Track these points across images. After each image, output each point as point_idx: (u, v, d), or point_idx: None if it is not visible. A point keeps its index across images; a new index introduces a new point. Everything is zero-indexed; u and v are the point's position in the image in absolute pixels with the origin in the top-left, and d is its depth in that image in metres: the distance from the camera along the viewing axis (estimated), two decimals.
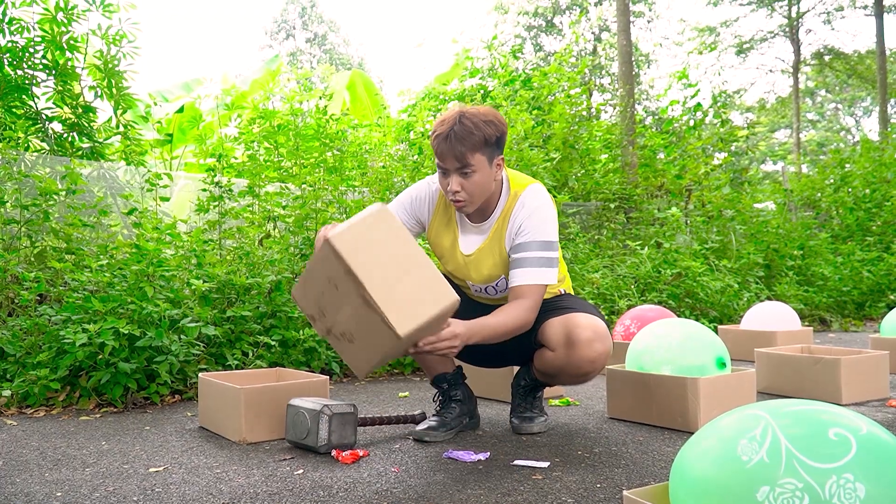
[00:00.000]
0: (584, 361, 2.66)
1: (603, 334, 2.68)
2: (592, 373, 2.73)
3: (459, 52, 11.38)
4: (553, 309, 2.78)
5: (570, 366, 2.69)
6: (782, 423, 1.29)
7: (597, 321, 2.71)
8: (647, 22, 32.62)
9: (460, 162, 2.58)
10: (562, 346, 2.68)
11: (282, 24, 44.49)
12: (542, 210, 2.70)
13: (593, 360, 2.66)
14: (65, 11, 5.66)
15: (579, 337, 2.64)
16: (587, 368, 2.69)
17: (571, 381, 2.80)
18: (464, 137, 2.56)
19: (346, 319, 2.24)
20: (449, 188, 2.64)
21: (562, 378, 2.80)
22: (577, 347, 2.65)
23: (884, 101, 23.46)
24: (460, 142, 2.56)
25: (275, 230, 5.57)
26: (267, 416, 2.82)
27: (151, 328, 3.56)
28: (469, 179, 2.61)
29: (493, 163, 2.65)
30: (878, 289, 8.65)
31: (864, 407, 3.44)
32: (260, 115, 6.98)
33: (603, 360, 2.69)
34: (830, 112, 41.93)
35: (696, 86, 10.14)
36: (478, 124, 2.59)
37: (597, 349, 2.65)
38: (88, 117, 5.94)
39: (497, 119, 2.65)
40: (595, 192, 8.92)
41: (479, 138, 2.58)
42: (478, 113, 2.63)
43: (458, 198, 2.64)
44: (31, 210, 4.44)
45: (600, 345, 2.66)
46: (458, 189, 2.62)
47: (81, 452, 2.67)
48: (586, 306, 2.83)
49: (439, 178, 2.69)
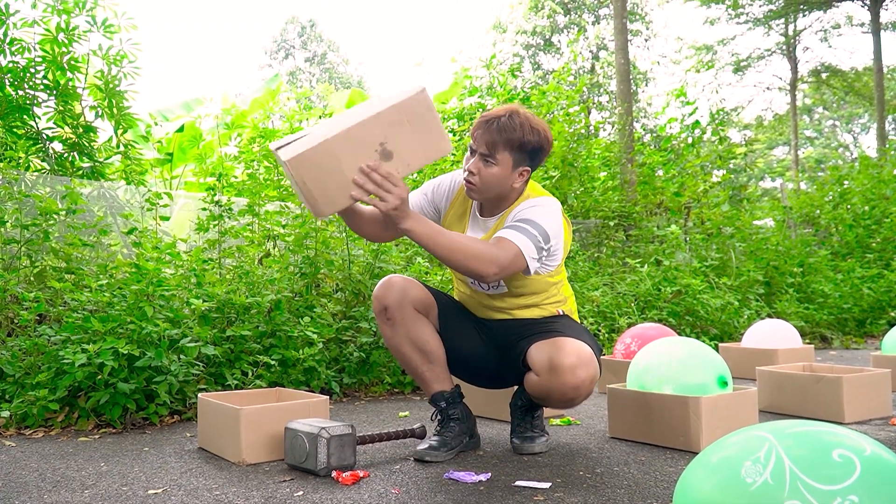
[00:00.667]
0: (567, 388, 2.64)
1: (587, 360, 2.64)
2: (577, 398, 2.70)
3: (458, 71, 11.41)
4: (542, 332, 2.78)
5: (555, 391, 2.67)
6: (786, 444, 1.28)
7: (581, 346, 2.67)
8: (645, 40, 32.80)
9: (488, 149, 2.63)
10: (545, 371, 2.66)
11: (281, 44, 44.68)
12: (542, 207, 2.69)
13: (577, 387, 2.63)
14: (66, 32, 5.69)
15: (563, 363, 2.61)
16: (571, 395, 2.66)
17: (558, 405, 2.78)
18: (504, 130, 2.61)
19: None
20: (466, 166, 2.69)
21: (549, 402, 2.79)
22: (561, 373, 2.62)
23: (881, 118, 23.56)
24: (499, 132, 2.61)
25: (275, 249, 5.56)
26: (266, 437, 2.80)
27: (151, 348, 3.55)
28: (487, 169, 2.65)
29: (518, 169, 2.68)
30: (878, 306, 8.64)
31: (867, 425, 3.43)
32: (260, 134, 6.99)
33: (587, 386, 2.65)
34: (828, 129, 42.06)
35: (693, 103, 10.17)
36: (524, 125, 2.63)
37: (580, 376, 2.62)
38: (89, 137, 5.96)
39: (545, 132, 2.70)
40: (594, 210, 8.93)
41: (517, 138, 2.62)
42: (532, 118, 2.68)
43: (471, 179, 2.68)
44: (32, 230, 4.44)
45: (583, 371, 2.62)
46: (474, 171, 2.67)
47: (80, 474, 2.66)
48: (576, 330, 2.82)
49: (466, 155, 2.73)
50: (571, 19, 31.84)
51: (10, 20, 5.51)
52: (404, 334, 2.84)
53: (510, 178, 2.68)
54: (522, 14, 31.33)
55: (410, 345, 2.86)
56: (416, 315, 2.85)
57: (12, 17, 5.51)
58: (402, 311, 2.82)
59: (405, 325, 2.83)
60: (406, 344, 2.86)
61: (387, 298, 2.82)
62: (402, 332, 2.84)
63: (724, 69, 31.91)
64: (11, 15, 5.51)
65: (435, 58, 47.77)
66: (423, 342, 2.86)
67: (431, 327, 2.89)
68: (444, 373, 2.94)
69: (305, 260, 4.84)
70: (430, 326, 2.89)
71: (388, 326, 2.85)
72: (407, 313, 2.83)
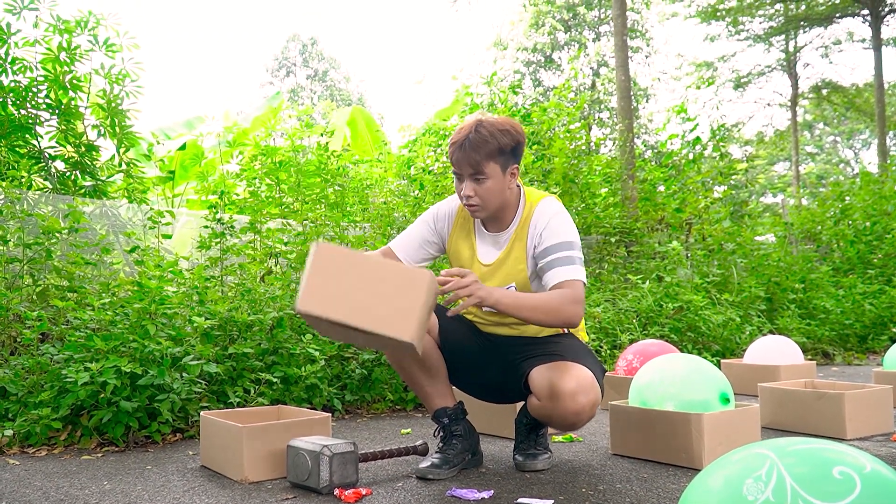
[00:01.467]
0: (568, 413, 2.64)
1: (587, 386, 2.63)
2: (579, 423, 2.70)
3: (459, 88, 11.45)
4: (545, 354, 2.78)
5: (556, 416, 2.68)
6: (787, 461, 1.29)
7: (582, 371, 2.66)
8: (645, 57, 32.90)
9: (474, 169, 2.65)
10: (546, 396, 2.67)
11: (283, 62, 44.85)
12: (558, 215, 2.75)
13: (577, 412, 2.63)
14: (68, 51, 5.72)
15: (563, 389, 2.61)
16: (572, 420, 2.66)
17: (560, 428, 2.80)
18: (478, 146, 2.63)
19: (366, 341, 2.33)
20: (462, 193, 2.71)
21: (552, 424, 2.80)
22: (561, 399, 2.62)
23: (882, 134, 23.60)
24: (475, 150, 2.63)
25: (276, 266, 5.57)
26: (269, 455, 2.80)
27: (153, 366, 3.56)
28: (482, 186, 2.68)
29: (508, 171, 2.72)
30: (880, 322, 8.63)
31: (869, 442, 3.43)
32: (262, 152, 7.02)
33: (588, 411, 2.65)
34: (829, 145, 42.14)
35: (694, 119, 10.19)
36: (493, 133, 2.65)
37: (580, 402, 2.61)
38: (91, 156, 5.98)
39: (514, 128, 2.71)
40: (596, 226, 8.94)
41: (494, 147, 2.65)
42: (495, 122, 2.70)
43: (471, 202, 2.71)
44: (34, 248, 4.45)
45: (584, 397, 2.62)
46: (471, 194, 2.70)
47: (84, 493, 2.66)
48: (579, 352, 2.81)
49: (455, 183, 2.75)
50: (572, 36, 31.96)
51: (12, 39, 5.55)
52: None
53: (505, 184, 2.72)
54: (523, 31, 31.46)
55: (412, 361, 2.86)
56: None
57: (14, 36, 5.55)
58: None
59: None
60: (407, 360, 2.86)
61: None
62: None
63: (724, 85, 32.00)
64: (13, 34, 5.54)
65: (436, 75, 48.02)
66: (425, 358, 2.86)
67: (433, 343, 2.89)
68: (446, 389, 2.94)
69: None
70: (432, 342, 2.89)
71: None
72: None
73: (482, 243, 2.88)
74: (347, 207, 6.82)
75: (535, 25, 31.30)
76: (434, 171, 8.15)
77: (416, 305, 2.17)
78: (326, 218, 5.53)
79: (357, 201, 7.17)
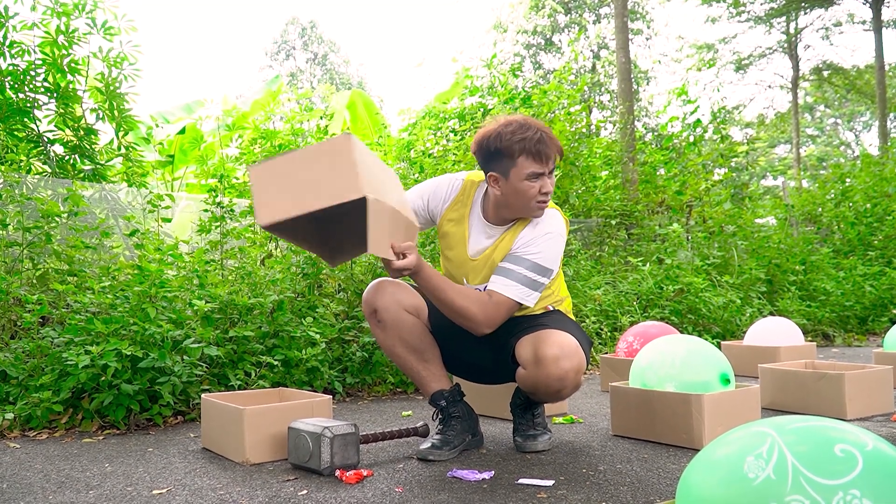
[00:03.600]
0: (551, 379, 2.63)
1: (570, 351, 2.64)
2: (564, 390, 2.69)
3: (459, 71, 11.40)
4: (530, 326, 2.78)
5: (540, 383, 2.67)
6: (788, 439, 1.28)
7: (565, 337, 2.67)
8: (646, 39, 32.80)
9: (557, 161, 2.70)
10: (531, 363, 2.66)
11: (282, 45, 44.67)
12: (551, 236, 2.74)
13: (561, 378, 2.63)
14: (66, 35, 5.69)
15: (546, 354, 2.61)
16: (556, 386, 2.65)
17: (547, 398, 2.79)
18: (553, 137, 2.69)
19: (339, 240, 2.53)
20: (544, 189, 2.69)
21: (538, 395, 2.79)
22: (544, 365, 2.62)
23: (883, 116, 23.54)
24: (555, 140, 2.69)
25: (276, 250, 5.57)
26: (270, 437, 2.81)
27: (154, 349, 3.56)
28: (552, 179, 2.72)
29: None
30: (880, 303, 8.64)
31: (869, 422, 3.43)
32: (261, 136, 7.00)
33: (572, 376, 2.64)
34: (830, 127, 42.04)
35: (695, 102, 10.16)
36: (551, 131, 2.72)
37: (563, 366, 2.61)
38: (90, 139, 5.96)
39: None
40: (596, 209, 8.93)
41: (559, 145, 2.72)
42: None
43: (548, 199, 2.73)
44: (34, 232, 4.45)
45: (567, 362, 2.61)
46: (551, 189, 2.71)
47: (85, 475, 2.66)
48: (563, 322, 2.82)
49: (524, 184, 2.67)
50: (572, 18, 31.84)
51: (10, 23, 5.52)
52: (396, 336, 2.84)
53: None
54: (523, 13, 31.33)
55: (404, 346, 2.86)
56: (408, 316, 2.85)
57: (12, 19, 5.52)
58: (393, 313, 2.82)
59: (397, 326, 2.83)
60: (399, 345, 2.86)
61: (377, 301, 2.82)
62: (394, 333, 2.84)
63: (725, 67, 31.92)
64: (11, 18, 5.51)
65: (436, 58, 47.81)
66: (417, 342, 2.86)
67: (423, 326, 2.89)
68: (440, 371, 2.94)
69: (307, 260, 4.85)
70: (422, 326, 2.89)
71: (380, 329, 2.85)
72: (398, 314, 2.83)
73: (476, 233, 2.85)
74: None
75: (535, 8, 31.17)
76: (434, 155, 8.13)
77: (348, 166, 2.22)
78: None
79: None
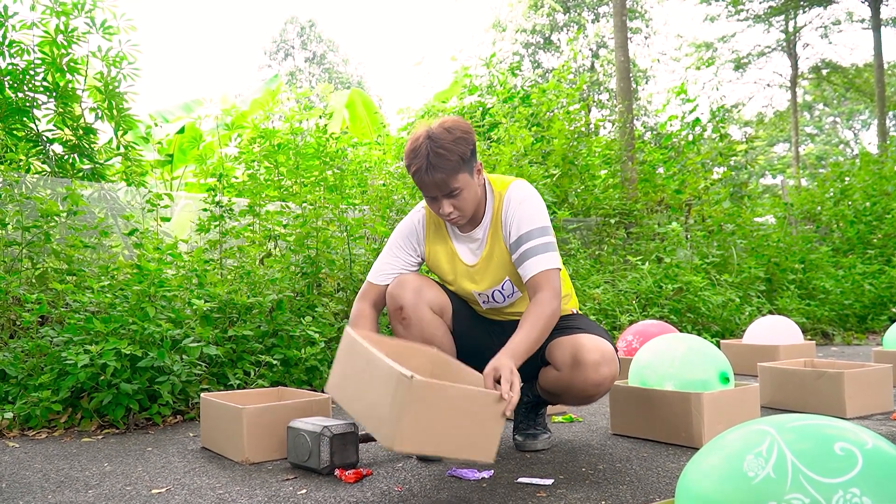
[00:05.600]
0: (588, 384, 2.62)
1: (610, 358, 2.63)
2: (596, 395, 2.68)
3: (458, 70, 11.42)
4: (564, 328, 2.75)
5: (575, 387, 2.66)
6: (788, 438, 1.28)
7: (605, 344, 2.66)
8: (645, 38, 32.80)
9: (445, 188, 2.54)
10: (567, 366, 2.64)
11: (281, 44, 44.68)
12: (529, 200, 2.68)
13: (598, 384, 2.62)
14: (65, 34, 5.68)
15: (586, 359, 2.60)
16: (591, 391, 2.65)
17: (575, 402, 2.78)
18: (440, 166, 2.49)
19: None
20: (441, 212, 2.60)
21: (565, 398, 2.78)
22: (583, 369, 2.61)
23: (882, 114, 23.55)
24: (439, 171, 2.49)
25: (276, 249, 5.56)
26: (269, 436, 2.81)
27: (153, 348, 3.56)
28: (459, 199, 2.58)
29: (474, 172, 2.62)
30: (879, 302, 8.64)
31: (868, 420, 3.43)
32: (260, 135, 6.99)
33: (608, 383, 2.64)
34: (829, 125, 42.05)
35: (694, 101, 10.16)
36: (449, 148, 2.51)
37: (603, 373, 2.60)
38: (89, 139, 5.95)
39: (465, 132, 2.58)
40: (595, 208, 8.93)
41: (456, 160, 2.51)
42: (445, 134, 2.54)
43: (453, 218, 2.62)
44: (33, 232, 4.44)
45: (607, 368, 2.61)
46: (450, 210, 2.59)
47: (84, 474, 2.66)
48: (596, 328, 2.80)
49: (428, 202, 2.64)
50: (571, 17, 31.84)
51: (9, 22, 5.51)
52: (418, 335, 2.76)
53: (475, 185, 2.63)
54: (522, 12, 31.32)
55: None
56: (432, 316, 2.78)
57: (11, 19, 5.51)
58: (418, 312, 2.74)
59: (420, 325, 2.76)
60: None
61: (403, 298, 2.74)
62: (416, 332, 2.76)
63: (724, 66, 31.92)
64: (10, 17, 5.50)
65: (435, 57, 47.77)
66: (437, 343, 2.79)
67: (445, 328, 2.84)
68: None
69: (307, 259, 4.85)
70: (444, 328, 2.83)
71: (403, 326, 2.77)
72: (423, 314, 2.75)
73: (459, 245, 2.81)
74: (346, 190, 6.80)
75: (533, 7, 31.16)
76: None
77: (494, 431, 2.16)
78: (325, 200, 5.51)
79: (356, 184, 7.15)
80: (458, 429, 2.09)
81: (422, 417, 2.02)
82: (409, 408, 1.99)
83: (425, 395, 2.02)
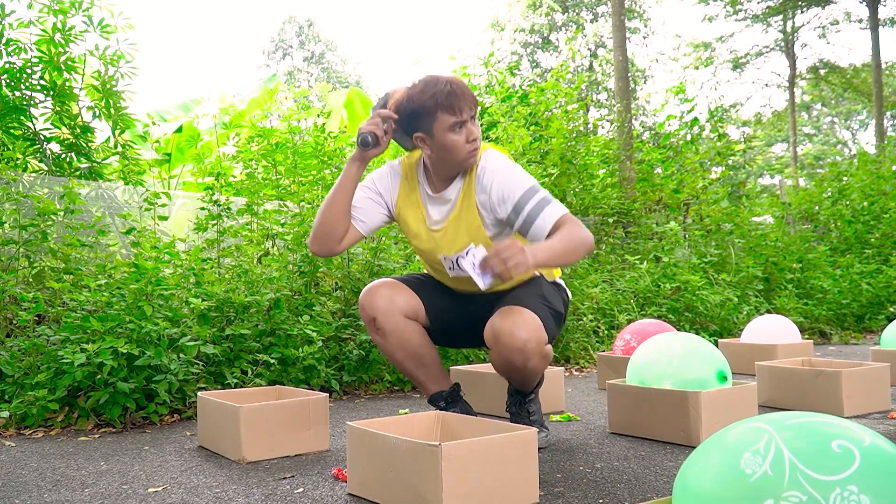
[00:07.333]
0: (511, 352, 2.55)
1: (524, 323, 2.53)
2: (528, 363, 2.58)
3: (457, 70, 11.40)
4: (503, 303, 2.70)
5: (503, 361, 2.61)
6: (785, 435, 1.28)
7: (522, 312, 2.57)
8: (643, 38, 32.82)
9: (475, 107, 2.60)
10: (492, 342, 2.60)
11: (279, 44, 44.67)
12: (508, 166, 2.66)
13: (520, 349, 2.53)
14: (62, 32, 5.67)
15: (501, 328, 2.54)
16: (517, 359, 2.56)
17: (516, 376, 2.72)
18: (466, 86, 2.59)
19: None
20: (471, 137, 2.59)
21: (511, 377, 2.75)
22: (501, 339, 2.55)
23: (880, 114, 23.59)
24: (466, 90, 2.58)
25: (273, 248, 5.56)
26: (266, 435, 2.80)
27: (150, 347, 3.55)
28: (476, 125, 2.62)
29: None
30: (877, 301, 8.64)
31: (866, 419, 3.43)
32: (258, 134, 6.98)
33: (532, 347, 2.54)
34: (827, 125, 42.10)
35: (692, 100, 10.17)
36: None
37: (520, 337, 2.51)
38: (86, 137, 5.94)
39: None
40: (593, 207, 8.92)
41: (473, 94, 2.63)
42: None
43: (477, 144, 2.63)
44: (30, 230, 4.44)
45: (523, 332, 2.52)
46: (478, 134, 2.62)
47: (80, 473, 2.66)
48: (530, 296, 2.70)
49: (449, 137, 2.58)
50: (569, 17, 31.85)
51: (6, 21, 5.50)
52: (396, 343, 2.80)
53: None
54: (520, 12, 31.33)
55: (403, 351, 2.83)
56: (406, 322, 2.80)
57: (8, 17, 5.50)
58: (391, 320, 2.77)
59: (396, 333, 2.79)
60: (399, 351, 2.83)
61: (375, 309, 2.77)
62: (393, 340, 2.80)
63: (722, 66, 31.96)
64: (7, 15, 5.49)
65: (433, 56, 47.78)
66: (416, 347, 2.83)
67: (422, 331, 2.85)
68: (439, 373, 2.93)
69: (304, 258, 4.84)
70: (420, 331, 2.85)
71: (379, 336, 2.81)
72: (396, 321, 2.78)
73: (434, 207, 2.77)
74: None
75: (532, 6, 31.16)
76: None
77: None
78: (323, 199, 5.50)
79: None
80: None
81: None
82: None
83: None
